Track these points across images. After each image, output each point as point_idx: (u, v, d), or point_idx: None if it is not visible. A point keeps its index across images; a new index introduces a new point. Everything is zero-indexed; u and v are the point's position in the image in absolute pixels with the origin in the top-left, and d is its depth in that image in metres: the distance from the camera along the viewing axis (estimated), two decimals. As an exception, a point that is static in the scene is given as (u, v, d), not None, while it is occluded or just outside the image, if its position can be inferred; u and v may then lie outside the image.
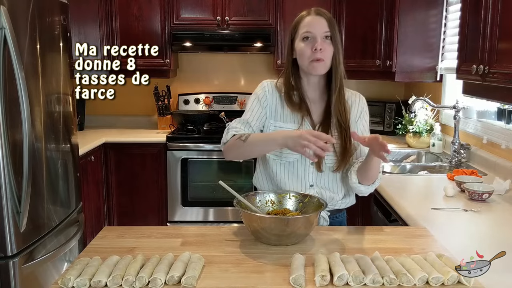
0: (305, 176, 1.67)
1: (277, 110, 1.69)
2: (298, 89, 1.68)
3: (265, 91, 1.70)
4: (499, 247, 1.27)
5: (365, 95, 1.84)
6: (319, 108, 1.69)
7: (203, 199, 3.63)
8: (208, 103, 4.04)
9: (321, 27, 1.60)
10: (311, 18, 1.61)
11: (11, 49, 1.89)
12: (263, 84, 1.72)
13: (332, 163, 1.65)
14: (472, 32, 1.97)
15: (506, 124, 2.44)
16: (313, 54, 1.58)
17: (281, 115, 1.68)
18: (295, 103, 1.66)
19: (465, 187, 2.00)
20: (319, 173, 1.67)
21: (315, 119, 1.67)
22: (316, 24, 1.60)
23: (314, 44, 1.58)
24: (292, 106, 1.66)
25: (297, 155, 1.64)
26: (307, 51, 1.59)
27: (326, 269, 1.19)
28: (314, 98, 1.69)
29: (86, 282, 1.16)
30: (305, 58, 1.60)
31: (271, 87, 1.71)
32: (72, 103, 2.58)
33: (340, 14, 3.66)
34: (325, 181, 1.68)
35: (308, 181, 1.67)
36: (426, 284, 1.16)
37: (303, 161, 1.66)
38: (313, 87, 1.69)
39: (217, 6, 3.66)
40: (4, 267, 1.98)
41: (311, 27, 1.60)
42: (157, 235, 1.51)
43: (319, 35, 1.59)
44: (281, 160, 1.68)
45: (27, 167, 1.99)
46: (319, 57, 1.58)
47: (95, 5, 3.60)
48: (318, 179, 1.68)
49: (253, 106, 1.70)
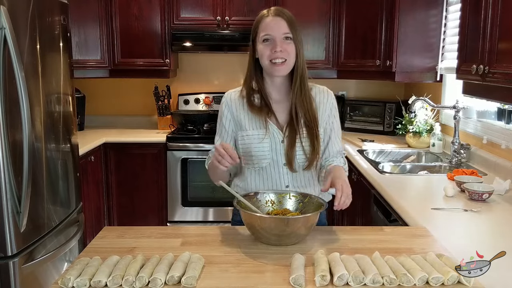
0: (280, 178, 1.68)
1: (241, 120, 1.68)
2: (260, 91, 1.67)
3: (226, 104, 1.71)
4: (499, 247, 1.27)
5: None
6: (285, 108, 1.67)
7: (203, 199, 3.63)
8: (208, 103, 4.04)
9: (280, 29, 1.58)
10: (270, 20, 1.59)
11: (11, 49, 1.89)
12: (223, 99, 1.73)
13: (303, 161, 1.65)
14: (472, 32, 1.97)
15: (506, 124, 2.44)
16: (272, 55, 1.58)
17: (247, 122, 1.68)
18: (256, 106, 1.66)
19: (465, 187, 2.00)
20: (293, 173, 1.67)
21: (281, 120, 1.67)
22: (275, 26, 1.58)
23: (273, 46, 1.57)
24: (253, 110, 1.66)
25: (268, 159, 1.66)
26: (266, 52, 1.59)
27: (326, 269, 1.19)
28: (279, 98, 1.69)
29: (86, 282, 1.16)
30: (265, 58, 1.60)
31: (230, 98, 1.71)
32: (72, 103, 2.58)
33: (340, 14, 3.66)
34: (300, 179, 1.69)
35: (284, 183, 1.68)
36: (426, 284, 1.16)
37: (275, 164, 1.67)
38: (277, 88, 1.68)
39: (217, 6, 3.66)
40: (4, 267, 1.98)
41: (270, 29, 1.58)
42: (157, 235, 1.51)
43: (278, 36, 1.58)
44: (254, 167, 1.68)
45: (27, 167, 1.99)
46: (280, 57, 1.57)
47: (95, 5, 3.60)
48: (293, 179, 1.69)
49: (219, 127, 1.74)
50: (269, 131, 1.64)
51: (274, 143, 1.65)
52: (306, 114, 1.64)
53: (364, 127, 3.81)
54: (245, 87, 1.69)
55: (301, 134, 1.63)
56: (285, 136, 1.64)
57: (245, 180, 1.72)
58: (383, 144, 3.30)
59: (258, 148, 1.65)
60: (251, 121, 1.67)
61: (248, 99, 1.67)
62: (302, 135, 1.63)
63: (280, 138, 1.65)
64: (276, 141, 1.65)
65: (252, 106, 1.66)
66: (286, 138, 1.64)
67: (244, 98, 1.68)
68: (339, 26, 3.68)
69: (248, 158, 1.68)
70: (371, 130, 3.77)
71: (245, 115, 1.68)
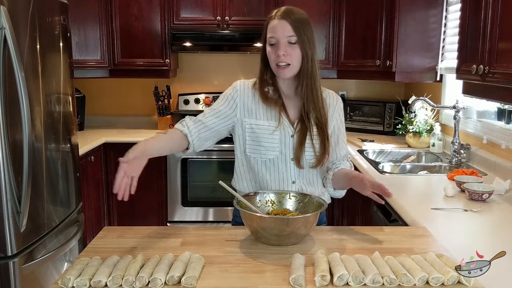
0: (287, 172, 1.68)
1: (251, 108, 1.68)
2: (273, 84, 1.68)
3: (236, 90, 1.70)
4: (499, 247, 1.27)
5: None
6: (295, 106, 1.68)
7: (203, 199, 3.63)
8: (208, 103, 4.04)
9: (284, 32, 1.57)
10: (276, 23, 1.59)
11: (11, 49, 1.89)
12: (234, 83, 1.73)
13: (311, 159, 1.65)
14: (472, 32, 1.97)
15: (506, 124, 2.44)
16: (276, 59, 1.58)
17: (257, 112, 1.68)
18: (270, 98, 1.67)
19: (465, 187, 2.00)
20: (300, 169, 1.67)
21: (291, 115, 1.67)
22: (279, 29, 1.58)
23: (277, 50, 1.58)
24: (267, 101, 1.66)
25: (276, 152, 1.66)
26: (272, 56, 1.60)
27: (326, 269, 1.19)
28: (290, 94, 1.69)
29: (86, 282, 1.16)
30: (272, 62, 1.61)
31: (243, 86, 1.71)
32: (72, 103, 2.58)
33: (340, 14, 3.67)
34: (306, 176, 1.70)
35: (290, 178, 1.68)
36: (426, 284, 1.16)
37: (283, 158, 1.67)
38: (287, 85, 1.69)
39: (217, 6, 3.66)
40: (4, 267, 1.98)
41: (274, 32, 1.58)
42: (157, 235, 1.51)
43: (282, 40, 1.58)
44: (261, 158, 1.68)
45: (27, 167, 1.99)
46: (283, 61, 1.58)
47: (95, 5, 3.60)
48: (300, 175, 1.69)
49: (217, 104, 1.70)
50: (281, 124, 1.64)
51: (284, 136, 1.65)
52: (318, 114, 1.64)
53: (364, 127, 3.81)
54: (259, 79, 1.69)
55: (312, 132, 1.64)
56: (296, 131, 1.65)
57: (252, 170, 1.70)
58: (383, 144, 3.30)
59: (268, 139, 1.65)
60: (264, 111, 1.67)
61: (262, 91, 1.67)
62: (313, 133, 1.64)
63: (291, 133, 1.65)
64: (286, 134, 1.65)
65: (266, 98, 1.66)
66: (296, 133, 1.65)
67: (257, 90, 1.68)
68: (339, 26, 3.68)
69: (256, 148, 1.67)
70: (371, 130, 3.77)
71: (258, 105, 1.68)
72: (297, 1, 3.58)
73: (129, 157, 1.44)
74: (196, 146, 1.68)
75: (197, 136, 1.66)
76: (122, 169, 1.40)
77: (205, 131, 1.67)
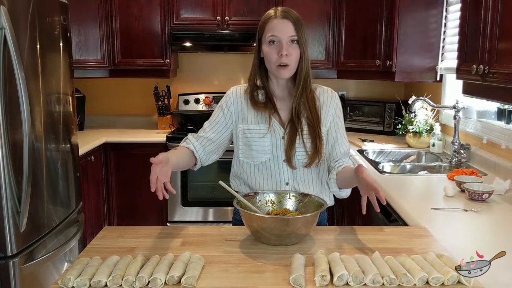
0: (280, 174, 1.68)
1: (244, 113, 1.70)
2: (264, 88, 1.68)
3: (229, 97, 1.72)
4: (499, 247, 1.27)
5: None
6: (288, 106, 1.69)
7: (203, 199, 3.63)
8: (208, 103, 4.04)
9: (287, 31, 1.58)
10: (277, 22, 1.59)
11: (11, 49, 1.89)
12: (228, 91, 1.75)
13: (304, 159, 1.65)
14: (472, 32, 1.97)
15: (506, 124, 2.44)
16: (279, 59, 1.58)
17: (248, 117, 1.69)
18: (259, 102, 1.67)
19: (465, 187, 2.00)
20: (293, 170, 1.67)
21: (283, 117, 1.68)
22: (282, 28, 1.58)
23: (280, 49, 1.58)
24: (257, 106, 1.67)
25: (268, 155, 1.66)
26: (273, 56, 1.59)
27: (326, 269, 1.19)
28: (283, 96, 1.70)
29: (86, 282, 1.16)
30: (272, 62, 1.61)
31: (235, 92, 1.72)
32: (72, 103, 2.58)
33: (340, 14, 3.67)
34: (301, 177, 1.69)
35: (284, 179, 1.68)
36: (426, 284, 1.16)
37: (276, 160, 1.67)
38: (282, 87, 1.69)
39: (217, 6, 3.66)
40: (4, 267, 1.98)
41: (277, 31, 1.58)
42: (157, 235, 1.51)
43: (284, 39, 1.58)
44: (253, 162, 1.68)
45: (27, 167, 1.99)
46: (285, 62, 1.58)
47: (95, 5, 3.60)
48: (293, 176, 1.68)
49: (214, 115, 1.74)
50: (271, 127, 1.65)
51: (275, 138, 1.66)
52: (308, 113, 1.64)
53: (364, 127, 3.81)
54: (249, 84, 1.70)
55: (302, 132, 1.64)
56: (286, 133, 1.65)
57: (245, 174, 1.71)
58: (383, 144, 3.30)
59: (259, 142, 1.66)
60: (255, 116, 1.68)
61: (251, 96, 1.68)
62: (303, 132, 1.64)
63: (281, 134, 1.66)
64: (277, 136, 1.66)
65: (255, 103, 1.67)
66: (286, 135, 1.65)
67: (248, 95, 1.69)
68: (339, 26, 3.68)
69: (248, 152, 1.68)
70: (371, 130, 3.77)
71: (249, 110, 1.69)
72: (297, 1, 3.60)
73: (159, 158, 1.44)
74: (203, 161, 1.74)
75: (203, 150, 1.72)
76: (154, 174, 1.40)
77: (209, 145, 1.72)
